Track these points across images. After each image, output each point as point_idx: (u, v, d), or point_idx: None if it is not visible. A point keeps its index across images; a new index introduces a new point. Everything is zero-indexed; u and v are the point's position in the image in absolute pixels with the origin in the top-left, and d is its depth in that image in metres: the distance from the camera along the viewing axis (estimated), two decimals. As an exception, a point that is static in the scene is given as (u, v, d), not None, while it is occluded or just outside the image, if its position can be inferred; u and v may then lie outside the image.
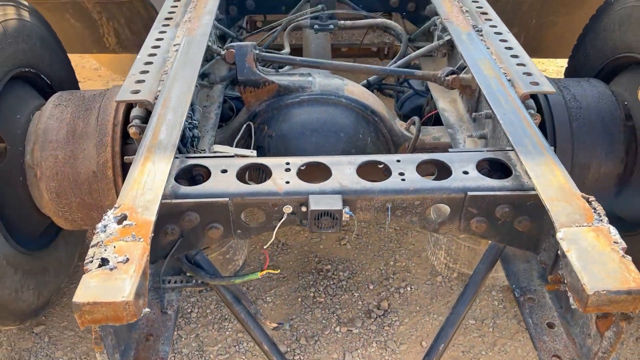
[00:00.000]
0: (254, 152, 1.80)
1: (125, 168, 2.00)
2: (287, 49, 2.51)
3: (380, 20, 2.53)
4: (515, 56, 1.91)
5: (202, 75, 2.16)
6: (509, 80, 1.79)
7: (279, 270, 1.52)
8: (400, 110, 2.65)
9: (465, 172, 1.47)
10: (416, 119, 2.21)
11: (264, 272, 1.48)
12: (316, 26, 2.53)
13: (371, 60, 5.11)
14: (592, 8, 2.70)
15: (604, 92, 2.20)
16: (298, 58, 2.11)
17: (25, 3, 2.31)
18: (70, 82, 2.62)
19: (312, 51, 2.82)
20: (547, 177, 1.37)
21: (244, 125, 2.06)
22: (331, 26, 2.53)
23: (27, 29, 2.26)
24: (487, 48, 1.98)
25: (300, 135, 2.07)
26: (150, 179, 1.36)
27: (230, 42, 2.60)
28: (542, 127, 2.09)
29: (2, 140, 2.10)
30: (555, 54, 3.24)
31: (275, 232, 1.44)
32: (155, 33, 2.07)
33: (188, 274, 1.52)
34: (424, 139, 2.21)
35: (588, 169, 2.12)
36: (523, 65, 1.85)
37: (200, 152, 1.72)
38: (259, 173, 1.61)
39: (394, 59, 2.52)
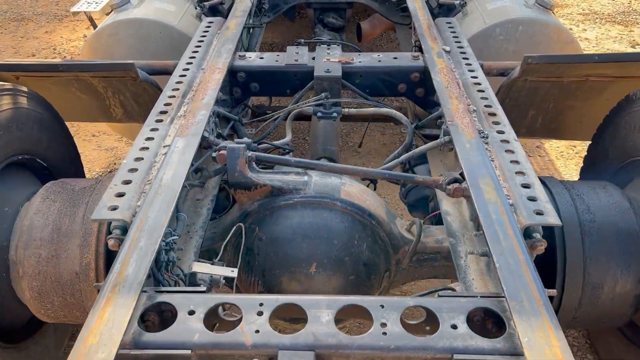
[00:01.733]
0: (235, 272, 1.70)
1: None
2: (288, 137, 2.43)
3: (386, 110, 2.43)
4: (521, 173, 1.78)
5: (196, 170, 2.09)
6: (512, 205, 1.66)
7: None
8: (405, 198, 2.53)
9: (454, 327, 1.34)
10: (417, 221, 2.09)
11: None
12: (319, 114, 2.44)
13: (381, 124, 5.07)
14: (613, 94, 2.56)
15: (620, 203, 2.04)
16: (293, 159, 2.02)
17: (23, 89, 2.29)
18: (72, 162, 2.59)
19: (320, 138, 2.74)
20: (540, 346, 1.23)
21: (234, 228, 1.98)
22: (334, 114, 2.45)
23: (23, 116, 2.24)
24: (492, 160, 1.86)
25: (291, 241, 1.97)
26: (108, 328, 1.27)
27: (232, 126, 2.55)
28: (551, 241, 1.95)
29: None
30: (574, 136, 3.09)
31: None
32: (146, 131, 2.01)
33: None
34: (426, 241, 2.09)
35: (601, 288, 1.96)
36: (528, 187, 1.72)
37: (176, 276, 1.63)
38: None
39: (398, 151, 2.41)
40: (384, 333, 1.33)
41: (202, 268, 1.69)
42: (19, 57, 5.70)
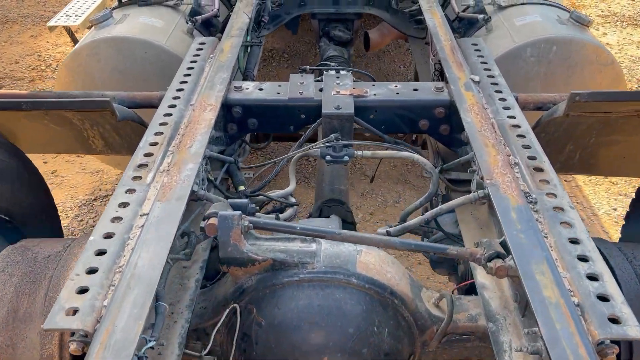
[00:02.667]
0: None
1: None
2: (291, 186, 2.08)
3: (407, 154, 2.07)
4: (584, 259, 1.43)
5: (182, 234, 1.74)
6: (577, 306, 1.31)
7: None
8: (427, 256, 2.19)
9: None
10: (447, 296, 1.75)
11: None
12: (328, 157, 2.08)
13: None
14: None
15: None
16: (299, 226, 1.66)
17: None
18: (44, 212, 2.25)
19: (327, 176, 2.39)
20: None
21: (227, 310, 1.64)
22: (346, 157, 2.09)
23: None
24: (545, 236, 1.51)
25: (296, 329, 1.63)
26: None
27: (226, 169, 2.20)
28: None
29: None
30: (616, 172, 2.74)
31: None
32: (120, 193, 1.65)
33: None
34: (458, 319, 1.74)
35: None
36: (595, 279, 1.36)
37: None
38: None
39: (420, 201, 2.06)
40: None
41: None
42: None
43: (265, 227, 1.64)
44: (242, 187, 2.08)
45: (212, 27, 3.17)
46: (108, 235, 1.50)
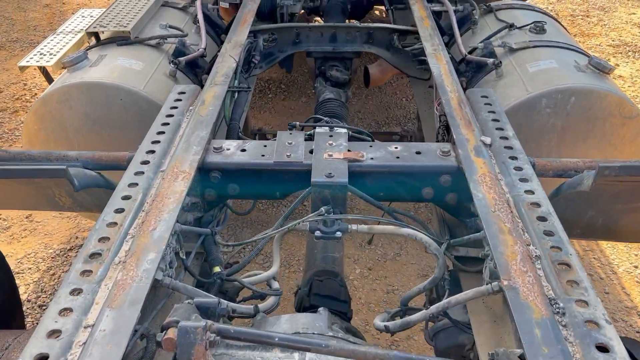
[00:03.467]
0: None
1: None
2: (274, 268, 1.81)
3: (409, 231, 1.80)
4: (629, 400, 1.14)
5: (141, 336, 1.46)
6: None
7: None
8: (431, 340, 1.91)
9: None
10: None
11: None
12: (318, 232, 1.81)
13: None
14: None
15: None
16: (278, 337, 1.37)
17: None
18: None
19: (318, 254, 2.12)
20: None
21: None
22: (338, 233, 1.81)
23: None
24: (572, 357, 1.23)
25: None
26: None
27: (203, 241, 1.93)
28: None
29: None
30: (638, 238, 2.46)
31: None
32: (63, 295, 1.37)
33: None
34: None
35: None
36: None
37: None
38: None
39: (424, 285, 1.80)
40: None
41: None
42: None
43: (236, 338, 1.36)
44: (217, 269, 1.80)
45: (197, 67, 2.92)
46: (41, 358, 1.22)
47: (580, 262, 1.49)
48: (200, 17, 3.15)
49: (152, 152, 1.94)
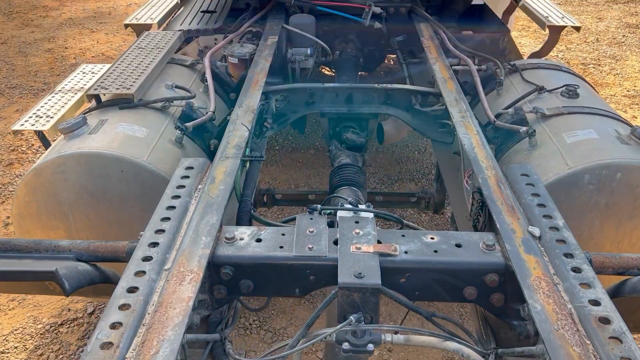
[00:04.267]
0: None
1: None
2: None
3: (454, 345, 1.54)
4: None
5: None
6: None
7: None
8: None
9: None
10: None
11: None
12: (346, 345, 1.55)
13: (410, 212, 4.22)
14: None
15: None
16: None
17: None
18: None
19: None
20: None
21: None
22: (370, 346, 1.56)
23: None
24: None
25: None
26: None
27: (211, 348, 1.67)
28: None
29: None
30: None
31: None
32: None
33: None
34: None
35: None
36: None
37: None
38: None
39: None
40: None
41: None
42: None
43: None
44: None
45: (206, 132, 2.71)
46: None
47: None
48: (209, 76, 2.97)
49: (156, 244, 1.70)
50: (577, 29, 3.89)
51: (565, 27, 3.87)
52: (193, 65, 3.22)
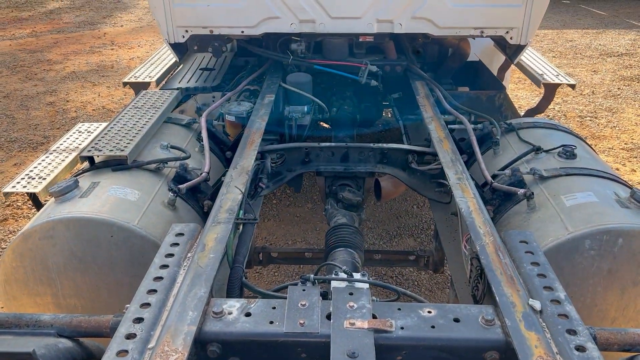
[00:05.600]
0: None
1: None
2: None
3: None
4: None
5: None
6: None
7: None
8: None
9: None
10: None
11: None
12: None
13: (409, 270, 4.12)
14: None
15: None
16: None
17: None
18: None
19: None
20: None
21: None
22: None
23: None
24: None
25: None
26: None
27: None
28: None
29: None
30: None
31: None
32: None
33: None
34: None
35: None
36: None
37: None
38: None
39: None
40: None
41: None
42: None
43: None
44: None
45: (199, 193, 2.67)
46: None
47: None
48: (204, 136, 2.96)
49: (140, 320, 1.63)
50: (572, 86, 3.92)
51: (561, 84, 3.90)
52: (189, 124, 3.22)
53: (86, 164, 2.70)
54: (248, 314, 1.71)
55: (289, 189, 5.12)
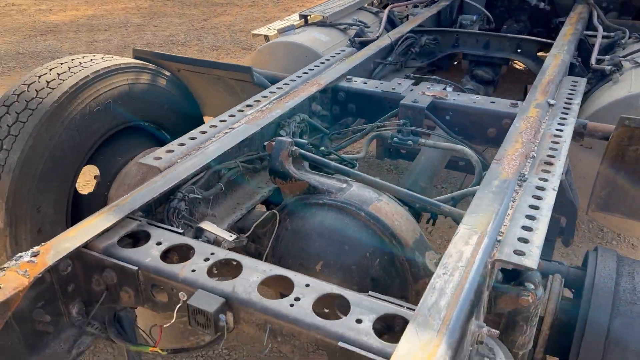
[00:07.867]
0: (233, 236, 1.88)
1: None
2: (362, 154, 2.54)
3: (460, 147, 2.37)
4: (532, 217, 1.62)
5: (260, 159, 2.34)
6: (498, 242, 1.53)
7: (165, 353, 1.54)
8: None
9: (359, 321, 1.32)
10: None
11: (154, 349, 1.53)
12: (395, 139, 2.50)
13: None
14: None
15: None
16: (333, 164, 2.14)
17: (165, 73, 2.83)
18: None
19: (416, 168, 2.71)
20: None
21: (267, 213, 2.17)
22: (409, 142, 2.48)
23: (154, 92, 2.73)
24: (512, 200, 1.73)
25: (307, 236, 2.07)
26: (83, 232, 1.57)
27: (321, 137, 2.76)
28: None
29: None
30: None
31: (175, 313, 1.50)
32: (220, 117, 2.34)
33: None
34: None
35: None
36: (529, 229, 1.56)
37: (182, 222, 1.87)
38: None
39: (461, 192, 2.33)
40: (292, 305, 1.38)
41: (208, 227, 1.91)
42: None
43: (307, 158, 2.15)
44: (322, 148, 2.62)
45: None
46: (203, 131, 2.19)
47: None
48: (384, 17, 4.08)
49: (306, 73, 2.87)
50: None
51: None
52: (377, 12, 4.38)
53: (302, 21, 4.06)
54: (365, 82, 2.83)
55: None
